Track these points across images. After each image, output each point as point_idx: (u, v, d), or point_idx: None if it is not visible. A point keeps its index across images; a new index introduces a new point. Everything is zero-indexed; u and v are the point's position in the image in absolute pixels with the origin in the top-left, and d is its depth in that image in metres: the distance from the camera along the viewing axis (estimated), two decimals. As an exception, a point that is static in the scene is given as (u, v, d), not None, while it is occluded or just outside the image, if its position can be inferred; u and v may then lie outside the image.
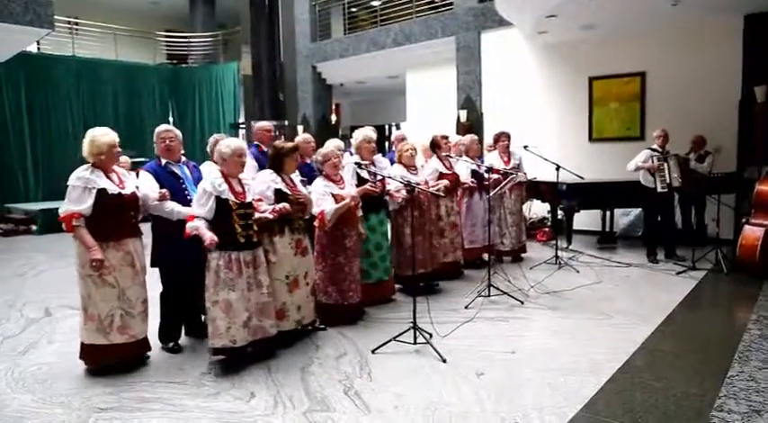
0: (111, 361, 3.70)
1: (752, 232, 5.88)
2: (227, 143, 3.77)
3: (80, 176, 3.54)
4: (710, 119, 7.58)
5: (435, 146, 5.96)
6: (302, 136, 5.56)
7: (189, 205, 3.89)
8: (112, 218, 3.59)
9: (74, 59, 13.21)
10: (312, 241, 4.48)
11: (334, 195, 4.38)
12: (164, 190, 3.85)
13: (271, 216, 3.81)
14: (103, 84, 13.47)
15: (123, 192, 3.66)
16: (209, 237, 3.49)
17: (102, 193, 3.55)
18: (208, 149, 4.55)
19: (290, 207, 3.92)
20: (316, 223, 4.39)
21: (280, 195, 4.02)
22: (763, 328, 4.30)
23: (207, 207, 3.62)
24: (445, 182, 5.56)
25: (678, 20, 7.68)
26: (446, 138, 6.12)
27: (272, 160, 4.18)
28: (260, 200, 3.92)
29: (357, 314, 4.74)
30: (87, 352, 3.67)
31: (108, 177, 3.64)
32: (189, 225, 3.59)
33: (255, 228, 3.77)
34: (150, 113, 14.19)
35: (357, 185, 4.76)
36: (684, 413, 2.98)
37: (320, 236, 4.54)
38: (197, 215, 3.61)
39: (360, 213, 4.70)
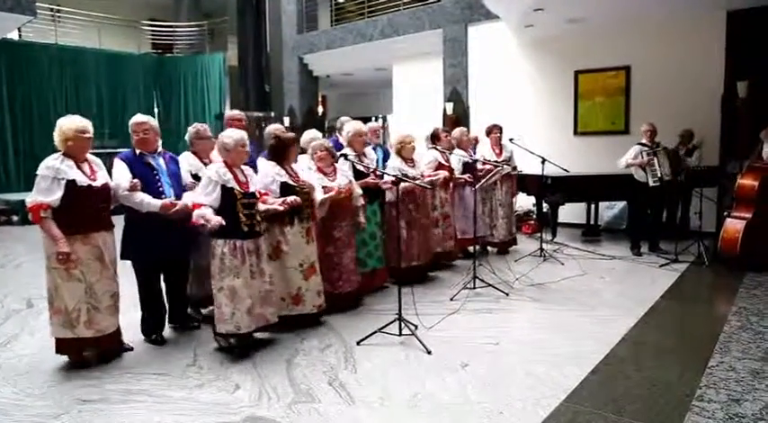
0: (74, 356, 3.65)
1: (733, 225, 5.97)
2: (229, 134, 3.78)
3: (49, 166, 3.44)
4: (694, 113, 7.66)
5: (436, 138, 6.04)
6: (272, 126, 5.35)
7: (160, 197, 3.81)
8: (81, 210, 3.49)
9: (56, 47, 12.98)
10: None
11: (324, 187, 4.42)
12: (135, 180, 3.74)
13: (281, 208, 3.85)
14: (87, 73, 13.26)
15: (93, 184, 3.55)
16: (216, 220, 3.50)
17: (71, 184, 3.45)
18: (186, 139, 4.46)
19: (300, 199, 3.99)
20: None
21: (285, 187, 4.04)
22: (743, 319, 4.37)
23: (213, 196, 3.62)
24: (445, 173, 5.61)
25: (663, 15, 7.75)
26: (447, 131, 6.21)
27: (275, 151, 4.19)
28: (266, 194, 3.95)
29: (350, 303, 4.76)
30: (59, 346, 3.60)
31: (79, 167, 3.53)
32: (196, 213, 3.58)
33: (258, 217, 3.79)
34: (134, 103, 13.98)
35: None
36: (666, 402, 3.02)
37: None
38: (203, 204, 3.61)
39: (362, 202, 4.74)
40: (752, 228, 5.83)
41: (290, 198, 3.94)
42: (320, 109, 15.02)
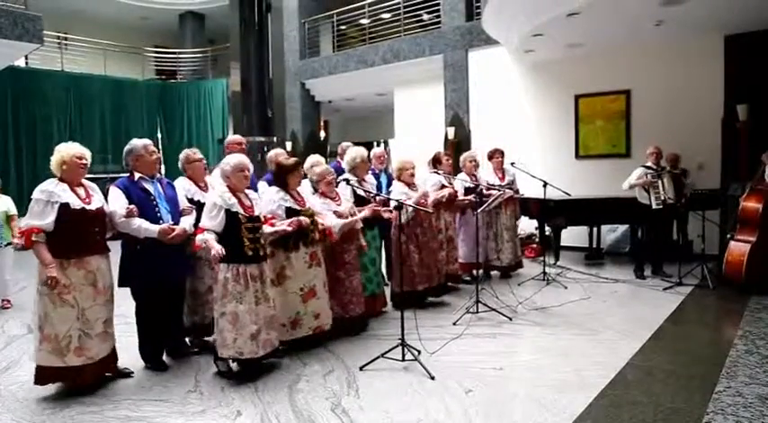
0: (66, 383, 3.57)
1: (737, 248, 5.95)
2: (227, 161, 3.82)
3: (44, 190, 3.44)
4: (694, 136, 7.71)
5: (437, 162, 6.10)
6: (273, 151, 5.50)
7: (158, 223, 3.74)
8: (75, 234, 3.46)
9: (62, 74, 13.16)
10: None
11: (335, 212, 4.50)
12: (131, 206, 3.69)
13: (290, 228, 3.92)
14: (91, 98, 13.42)
15: (87, 207, 3.54)
16: (216, 249, 3.49)
17: (64, 207, 3.43)
18: (179, 166, 4.43)
19: (307, 220, 4.07)
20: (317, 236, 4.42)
21: (291, 212, 4.11)
22: (749, 343, 4.32)
23: (217, 220, 3.63)
24: (449, 190, 5.63)
25: (662, 39, 7.84)
26: (448, 155, 6.27)
27: (277, 177, 4.26)
28: (273, 218, 4.00)
29: (360, 326, 4.76)
30: (41, 374, 3.49)
31: (74, 191, 3.53)
32: (198, 237, 3.59)
33: (263, 241, 3.81)
34: (138, 128, 14.13)
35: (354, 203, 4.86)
36: (673, 429, 2.98)
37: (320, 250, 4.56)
38: (207, 228, 3.61)
39: (360, 225, 4.77)
40: (756, 250, 5.81)
41: (298, 218, 4.01)
42: (322, 134, 15.12)
